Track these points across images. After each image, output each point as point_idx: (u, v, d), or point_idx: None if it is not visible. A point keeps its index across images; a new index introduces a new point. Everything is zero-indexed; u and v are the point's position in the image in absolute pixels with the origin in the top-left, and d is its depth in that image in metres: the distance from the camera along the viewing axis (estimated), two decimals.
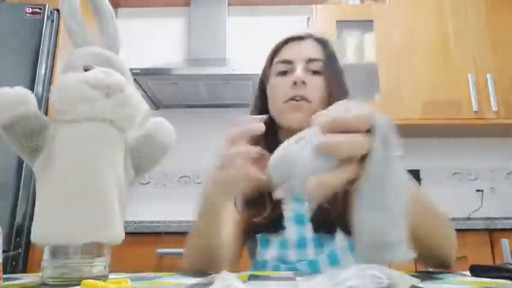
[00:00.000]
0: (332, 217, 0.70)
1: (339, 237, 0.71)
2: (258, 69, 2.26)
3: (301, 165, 0.37)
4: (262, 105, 0.86)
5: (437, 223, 0.57)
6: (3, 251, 1.63)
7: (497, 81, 2.03)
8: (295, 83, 0.77)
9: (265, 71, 0.88)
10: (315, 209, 0.72)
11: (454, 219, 1.96)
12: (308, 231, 0.73)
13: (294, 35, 0.86)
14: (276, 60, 0.84)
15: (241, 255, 0.78)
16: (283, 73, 0.81)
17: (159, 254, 1.60)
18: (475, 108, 2.00)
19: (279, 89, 0.80)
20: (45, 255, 0.46)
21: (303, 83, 0.77)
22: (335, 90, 0.78)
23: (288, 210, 0.75)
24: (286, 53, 0.83)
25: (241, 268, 0.58)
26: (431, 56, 2.10)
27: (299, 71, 0.78)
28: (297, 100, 0.76)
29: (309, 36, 0.85)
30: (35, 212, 0.47)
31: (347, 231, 0.71)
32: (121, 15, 2.52)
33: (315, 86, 0.78)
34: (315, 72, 0.80)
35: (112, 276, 0.50)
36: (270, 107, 0.82)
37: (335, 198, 0.70)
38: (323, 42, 0.84)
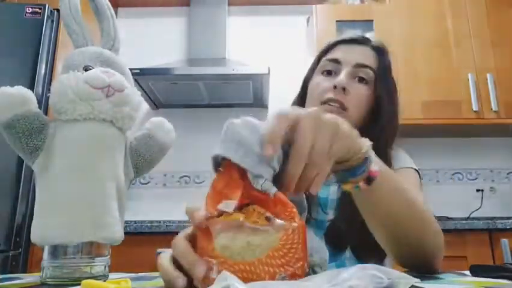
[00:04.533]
0: (346, 238, 0.71)
1: (347, 255, 0.72)
2: (258, 69, 2.25)
3: None
4: (301, 104, 0.81)
5: (414, 215, 0.54)
6: (3, 251, 1.63)
7: (497, 81, 2.03)
8: (335, 87, 0.71)
9: (311, 68, 0.83)
10: (333, 226, 0.72)
11: (454, 219, 1.96)
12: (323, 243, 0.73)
13: (350, 36, 0.80)
14: (324, 58, 0.79)
15: None
16: (329, 73, 0.76)
17: (159, 254, 1.60)
18: (475, 108, 2.00)
19: (318, 88, 0.75)
20: (45, 255, 0.46)
21: (344, 89, 0.71)
22: (383, 106, 0.73)
23: (311, 216, 0.75)
24: (336, 53, 0.78)
25: None
26: (431, 56, 2.10)
27: (342, 76, 0.73)
28: (332, 104, 0.71)
29: (365, 41, 0.80)
30: (34, 211, 0.47)
31: (356, 252, 0.70)
32: (121, 15, 2.51)
33: (358, 95, 0.72)
34: (362, 80, 0.74)
35: (112, 276, 0.50)
36: (307, 105, 0.77)
37: (352, 213, 0.70)
38: (379, 51, 0.79)
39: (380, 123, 0.74)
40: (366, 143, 0.46)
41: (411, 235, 0.54)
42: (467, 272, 0.53)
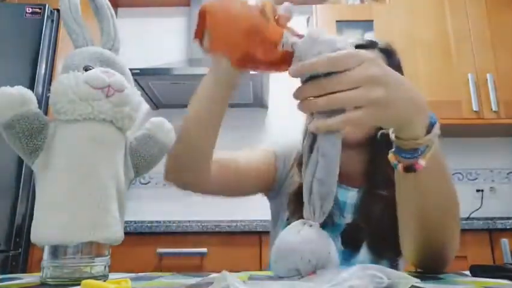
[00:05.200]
0: (362, 236, 0.72)
1: (362, 252, 0.72)
2: None
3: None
4: None
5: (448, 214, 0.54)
6: (3, 251, 1.63)
7: (497, 81, 2.03)
8: None
9: None
10: (349, 225, 0.74)
11: None
12: (338, 243, 0.74)
13: (356, 43, 0.79)
14: None
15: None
16: None
17: (159, 254, 1.60)
18: (475, 108, 2.00)
19: None
20: (45, 255, 0.46)
21: None
22: None
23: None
24: None
25: (241, 268, 0.58)
26: (431, 56, 2.10)
27: None
28: None
29: (372, 45, 0.79)
30: (34, 211, 0.47)
31: (372, 251, 0.72)
32: (121, 15, 2.52)
33: None
34: None
35: (112, 276, 0.50)
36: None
37: (369, 218, 0.71)
38: (387, 53, 0.79)
39: None
40: (426, 137, 0.45)
41: (439, 237, 0.54)
42: (467, 272, 0.53)
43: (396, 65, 0.78)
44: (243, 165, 0.79)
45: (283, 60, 0.44)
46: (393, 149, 0.49)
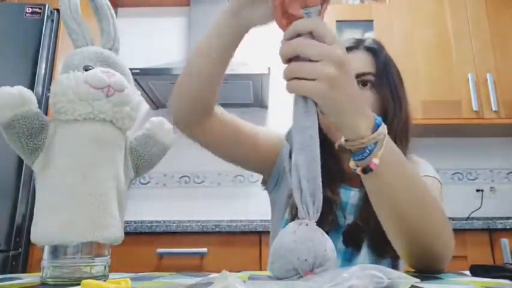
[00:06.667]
0: (362, 235, 0.72)
1: (363, 253, 0.73)
2: (257, 69, 2.24)
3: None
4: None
5: (432, 217, 0.54)
6: (3, 251, 1.63)
7: (497, 81, 2.04)
8: None
9: None
10: (350, 225, 0.74)
11: (453, 219, 1.96)
12: (340, 243, 0.74)
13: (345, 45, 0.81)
14: None
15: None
16: None
17: (159, 254, 1.60)
18: (475, 108, 2.00)
19: None
20: (45, 255, 0.46)
21: None
22: (389, 103, 0.75)
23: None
24: None
25: (240, 268, 0.58)
26: (431, 56, 2.10)
27: None
28: None
29: (359, 45, 0.79)
30: (34, 211, 0.47)
31: (373, 250, 0.72)
32: (121, 15, 2.51)
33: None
34: (364, 85, 0.75)
35: (112, 276, 0.50)
36: (320, 123, 0.78)
37: (370, 217, 0.70)
38: (374, 51, 0.79)
39: (388, 123, 0.76)
40: (371, 135, 0.47)
41: (422, 236, 0.54)
42: (467, 272, 0.53)
43: (382, 61, 0.78)
44: (248, 129, 0.81)
45: (290, 18, 0.51)
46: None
